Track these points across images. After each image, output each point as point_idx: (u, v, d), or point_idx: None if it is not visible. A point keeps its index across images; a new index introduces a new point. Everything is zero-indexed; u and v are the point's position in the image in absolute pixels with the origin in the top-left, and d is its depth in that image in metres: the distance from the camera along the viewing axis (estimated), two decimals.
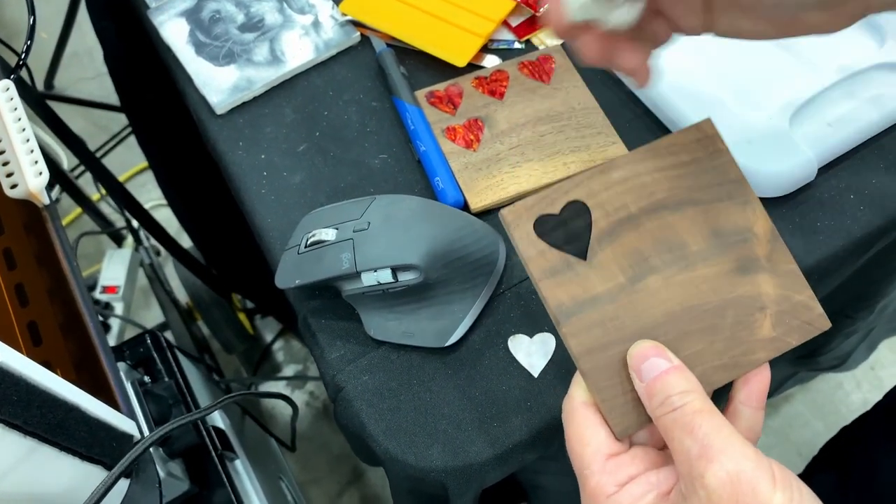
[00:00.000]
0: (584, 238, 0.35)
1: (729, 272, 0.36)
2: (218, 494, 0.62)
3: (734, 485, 0.28)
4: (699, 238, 0.36)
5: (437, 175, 0.50)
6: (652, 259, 0.36)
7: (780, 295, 0.36)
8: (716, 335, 0.35)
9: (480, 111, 0.53)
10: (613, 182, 0.36)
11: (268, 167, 0.53)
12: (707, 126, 0.38)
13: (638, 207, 0.36)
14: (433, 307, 0.45)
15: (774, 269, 0.36)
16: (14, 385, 0.36)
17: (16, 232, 0.56)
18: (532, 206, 0.35)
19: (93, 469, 0.42)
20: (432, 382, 0.45)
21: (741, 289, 0.36)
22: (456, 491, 0.44)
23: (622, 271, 0.35)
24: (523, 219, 0.35)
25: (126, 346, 0.67)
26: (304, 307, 0.48)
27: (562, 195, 0.36)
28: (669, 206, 0.36)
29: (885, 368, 1.29)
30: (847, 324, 0.70)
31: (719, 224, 0.37)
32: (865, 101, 0.51)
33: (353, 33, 0.57)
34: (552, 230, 0.35)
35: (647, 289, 0.35)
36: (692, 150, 0.37)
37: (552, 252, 0.35)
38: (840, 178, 0.51)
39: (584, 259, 0.35)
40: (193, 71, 0.56)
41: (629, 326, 0.35)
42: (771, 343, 0.35)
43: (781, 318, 0.36)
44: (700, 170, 0.37)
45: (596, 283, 0.35)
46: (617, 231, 0.36)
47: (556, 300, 0.34)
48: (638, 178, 0.37)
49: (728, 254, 0.36)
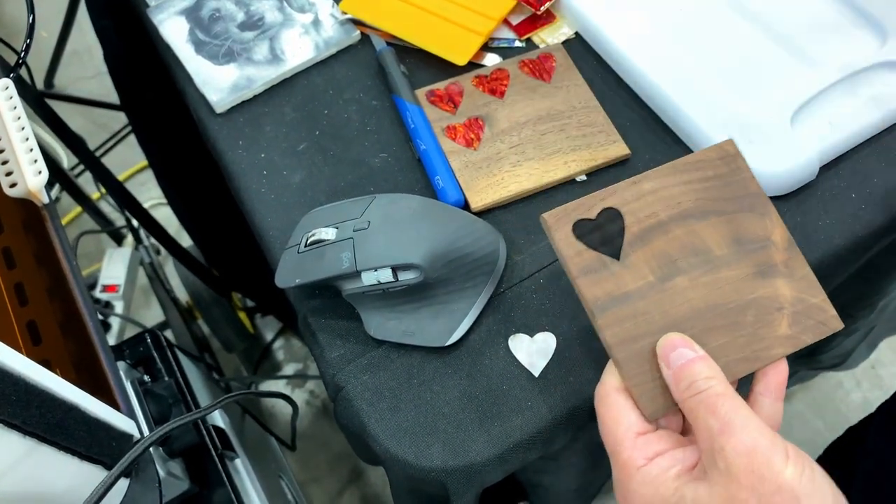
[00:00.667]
0: (618, 241, 0.39)
1: (749, 275, 0.39)
2: (218, 494, 0.61)
3: (750, 456, 0.31)
4: (722, 244, 0.40)
5: (438, 174, 0.50)
6: (679, 262, 0.39)
7: (797, 297, 0.39)
8: (738, 331, 0.38)
9: (481, 110, 0.53)
10: (644, 192, 0.40)
11: (268, 166, 0.53)
12: (729, 146, 0.41)
13: (667, 215, 0.40)
14: (433, 306, 0.45)
15: (791, 275, 0.40)
16: (13, 385, 0.36)
17: (15, 231, 0.55)
18: (571, 211, 0.39)
19: (92, 469, 0.42)
20: (433, 382, 0.45)
21: (761, 291, 0.39)
22: (456, 491, 0.44)
23: (652, 271, 0.39)
24: (563, 222, 0.39)
25: (126, 346, 0.67)
26: (304, 306, 0.48)
27: (598, 202, 0.39)
28: (695, 215, 0.40)
29: (886, 367, 1.29)
30: (848, 322, 0.69)
31: (741, 232, 0.40)
32: (867, 99, 0.51)
33: (353, 32, 0.57)
34: (589, 233, 0.39)
35: (674, 288, 0.38)
36: (716, 166, 0.41)
37: (589, 252, 0.38)
38: (841, 176, 0.50)
39: (618, 259, 0.39)
40: (193, 69, 0.55)
41: (658, 321, 0.38)
42: (788, 340, 0.38)
43: (797, 318, 0.39)
44: (723, 184, 0.41)
45: (628, 281, 0.38)
46: (647, 236, 0.39)
47: (592, 295, 0.38)
48: (666, 190, 0.40)
49: (749, 259, 0.39)
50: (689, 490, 0.32)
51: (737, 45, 0.54)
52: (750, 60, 0.53)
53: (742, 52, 0.54)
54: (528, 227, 0.49)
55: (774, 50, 0.54)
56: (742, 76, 0.52)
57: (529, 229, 0.49)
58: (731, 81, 0.52)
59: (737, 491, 0.30)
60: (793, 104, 0.50)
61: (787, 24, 0.55)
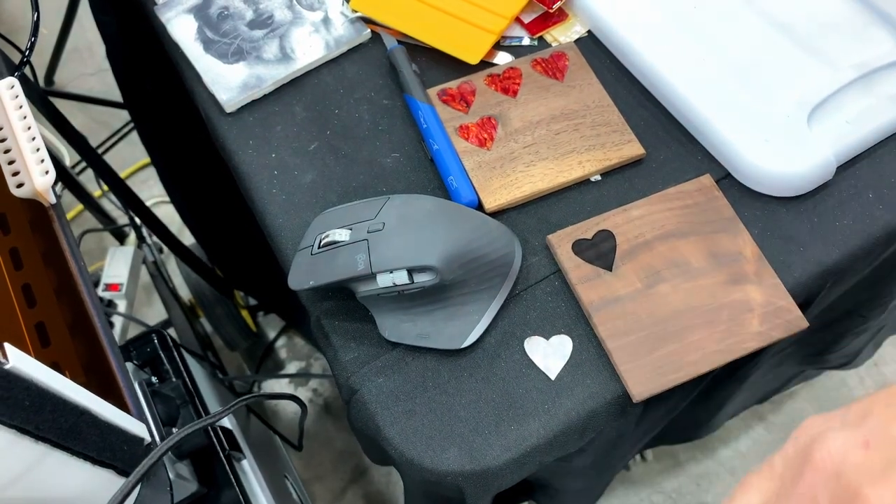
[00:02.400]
0: (611, 256, 0.47)
1: (724, 283, 0.46)
2: (226, 495, 0.61)
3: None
4: (700, 258, 0.47)
5: (451, 174, 0.50)
6: (663, 272, 0.47)
7: (766, 301, 0.46)
8: (714, 328, 0.45)
9: (494, 109, 0.53)
10: (633, 217, 0.48)
11: (278, 166, 0.52)
12: (706, 180, 0.50)
13: (652, 235, 0.48)
14: (449, 309, 0.45)
15: (761, 282, 0.46)
16: (25, 390, 0.35)
17: (22, 231, 0.55)
18: (571, 233, 0.48)
19: (104, 473, 0.41)
20: (448, 385, 0.44)
21: (734, 295, 0.46)
22: (473, 495, 0.43)
23: (639, 279, 0.46)
24: (564, 241, 0.48)
25: (133, 346, 0.67)
26: (317, 308, 0.48)
27: (594, 226, 0.48)
28: (676, 235, 0.48)
29: (889, 365, 1.29)
30: (859, 322, 0.69)
31: (716, 248, 0.47)
32: (884, 98, 0.50)
33: (363, 30, 0.57)
34: (586, 250, 0.47)
35: (658, 293, 0.46)
36: (694, 196, 0.49)
37: (586, 265, 0.47)
38: (858, 176, 0.50)
39: (610, 271, 0.47)
40: (202, 68, 0.55)
41: (645, 319, 0.45)
42: (759, 335, 0.45)
43: (767, 317, 0.45)
44: (700, 210, 0.49)
45: (619, 288, 0.46)
46: (635, 252, 0.47)
47: (588, 298, 0.46)
48: (652, 216, 0.48)
49: (723, 270, 0.47)
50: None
51: (752, 44, 0.54)
52: (766, 59, 0.53)
53: (758, 51, 0.53)
54: (542, 228, 0.49)
55: (790, 49, 0.53)
56: (758, 75, 0.52)
57: (545, 230, 0.49)
58: (747, 80, 0.51)
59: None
60: (809, 103, 0.50)
61: (804, 23, 0.54)
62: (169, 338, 0.69)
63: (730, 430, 1.22)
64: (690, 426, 0.77)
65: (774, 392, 0.93)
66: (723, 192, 0.49)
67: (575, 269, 0.47)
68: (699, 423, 0.77)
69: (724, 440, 1.22)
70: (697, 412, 0.69)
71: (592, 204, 0.50)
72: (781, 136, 0.49)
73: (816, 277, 0.47)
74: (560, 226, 0.49)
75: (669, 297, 0.46)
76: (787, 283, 0.46)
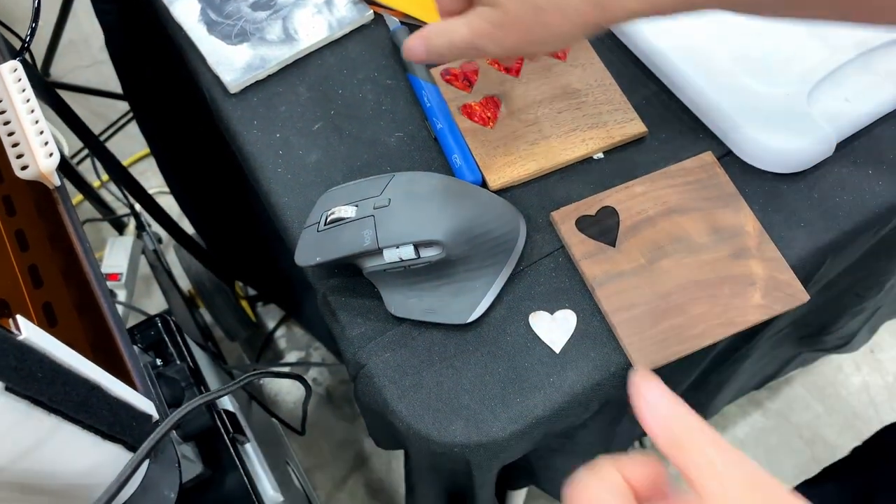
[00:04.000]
0: (614, 232, 0.47)
1: (726, 257, 0.46)
2: (231, 477, 0.61)
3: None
4: (703, 233, 0.47)
5: (455, 152, 0.50)
6: (665, 247, 0.47)
7: (768, 275, 0.46)
8: (716, 301, 0.45)
9: (496, 88, 0.53)
10: (636, 194, 0.49)
11: (283, 146, 0.52)
12: (707, 157, 0.50)
13: (655, 211, 0.48)
14: (454, 284, 0.45)
15: (762, 256, 0.46)
16: (38, 362, 0.36)
17: (28, 214, 0.55)
18: (575, 209, 0.48)
19: (113, 448, 0.42)
20: (454, 359, 0.45)
21: (736, 269, 0.46)
22: (479, 466, 0.44)
23: (642, 255, 0.47)
24: (568, 218, 0.48)
25: (137, 330, 0.67)
26: (323, 285, 0.48)
27: (597, 202, 0.49)
28: (679, 211, 0.48)
29: (885, 351, 1.30)
30: (856, 302, 0.70)
31: (718, 224, 0.47)
32: (883, 76, 0.51)
33: (366, 11, 0.57)
34: (589, 226, 0.48)
35: (661, 268, 0.46)
36: (696, 173, 0.49)
37: (589, 241, 0.47)
38: (858, 153, 0.51)
39: (614, 246, 0.47)
40: (206, 50, 0.55)
41: (648, 293, 0.46)
42: (760, 308, 0.45)
43: (768, 290, 0.46)
44: (702, 186, 0.49)
45: (622, 263, 0.47)
46: (639, 227, 0.48)
47: (592, 273, 0.46)
48: (655, 192, 0.49)
49: (725, 245, 0.47)
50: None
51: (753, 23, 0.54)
52: (765, 37, 0.53)
53: (758, 29, 0.54)
54: (546, 205, 0.49)
55: (790, 27, 0.54)
56: (759, 54, 0.52)
57: (548, 207, 0.49)
58: (748, 59, 0.52)
59: None
60: (809, 81, 0.50)
61: None
62: (173, 323, 0.70)
63: (727, 417, 1.24)
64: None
65: (771, 377, 0.94)
66: (724, 169, 0.49)
67: (578, 245, 0.47)
68: (697, 407, 0.77)
69: (721, 426, 1.23)
70: (697, 396, 0.70)
71: (595, 181, 0.50)
72: (782, 114, 0.50)
73: (816, 252, 0.48)
74: (563, 203, 0.49)
75: (672, 271, 0.46)
76: (788, 258, 0.47)
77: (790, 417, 1.23)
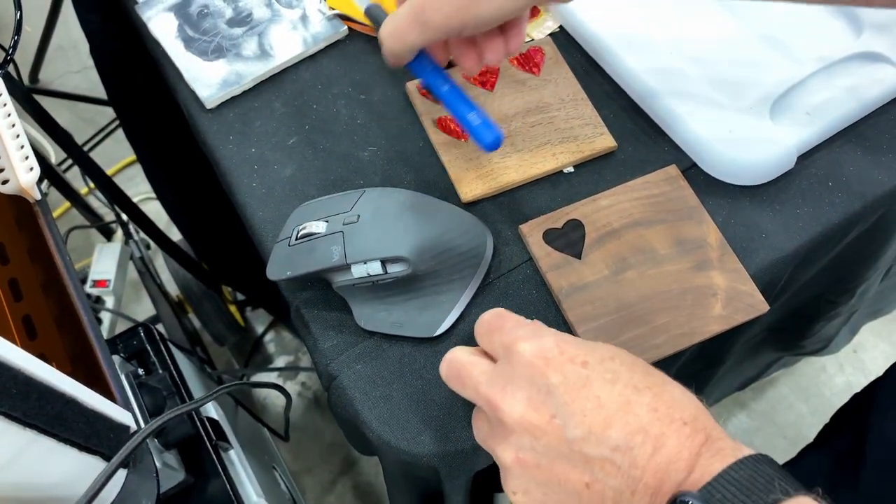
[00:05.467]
0: (579, 244, 0.49)
1: (688, 269, 0.48)
2: (213, 484, 0.62)
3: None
4: (666, 245, 0.49)
5: (473, 110, 0.45)
6: (629, 259, 0.48)
7: (729, 286, 0.47)
8: (679, 312, 0.47)
9: None
10: (601, 207, 0.50)
11: (258, 160, 0.53)
12: (672, 170, 0.51)
13: (620, 224, 0.49)
14: (422, 298, 0.46)
15: (724, 268, 0.48)
16: (12, 378, 0.37)
17: (8, 227, 0.56)
18: (542, 222, 0.50)
19: (91, 460, 0.43)
20: (423, 370, 0.46)
21: (698, 280, 0.47)
22: (448, 475, 0.45)
23: (607, 267, 0.48)
24: (535, 231, 0.49)
25: (119, 339, 0.68)
26: (297, 298, 0.49)
27: (564, 216, 0.50)
28: (643, 224, 0.49)
29: (867, 351, 1.31)
30: (829, 308, 0.71)
31: (681, 236, 0.49)
32: (843, 90, 0.52)
33: (340, 27, 0.58)
34: (556, 238, 0.49)
35: (626, 279, 0.48)
36: (660, 186, 0.51)
37: (556, 253, 0.48)
38: (818, 165, 0.52)
39: (580, 258, 0.48)
40: (183, 66, 0.56)
41: (612, 304, 0.47)
42: (721, 319, 0.46)
43: (729, 301, 0.47)
44: (666, 199, 0.50)
45: (587, 275, 0.48)
46: (604, 240, 0.49)
47: (558, 285, 0.47)
48: (620, 205, 0.50)
49: (688, 257, 0.48)
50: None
51: (718, 39, 0.55)
52: (729, 52, 0.54)
53: (723, 45, 0.55)
54: (516, 217, 0.51)
55: (754, 42, 0.55)
56: (723, 69, 0.53)
57: (518, 220, 0.50)
58: (712, 74, 0.53)
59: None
60: (771, 95, 0.51)
61: (767, 17, 0.56)
62: (156, 331, 0.71)
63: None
64: None
65: (754, 379, 0.95)
66: (688, 182, 0.51)
67: (545, 258, 0.48)
68: None
69: None
70: None
71: (564, 195, 0.52)
72: (744, 128, 0.51)
73: (779, 263, 0.49)
74: (533, 216, 0.50)
75: (636, 283, 0.47)
76: (750, 268, 0.48)
77: (774, 418, 1.24)
